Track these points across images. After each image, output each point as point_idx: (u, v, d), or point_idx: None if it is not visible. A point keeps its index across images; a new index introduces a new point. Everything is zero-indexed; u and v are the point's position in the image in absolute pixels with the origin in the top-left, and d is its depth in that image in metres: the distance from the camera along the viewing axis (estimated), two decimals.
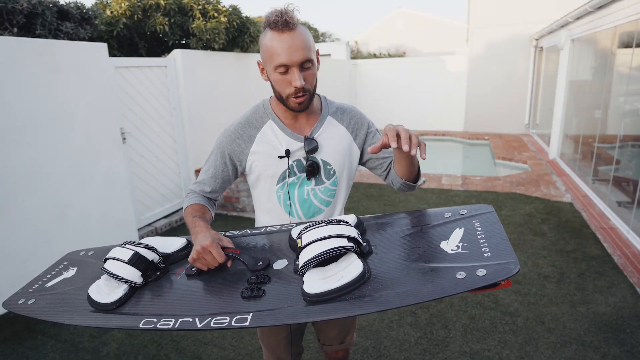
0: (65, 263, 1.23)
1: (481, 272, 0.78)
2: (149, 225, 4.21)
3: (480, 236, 0.90)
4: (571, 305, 2.62)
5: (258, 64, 1.16)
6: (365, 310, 0.78)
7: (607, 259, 3.20)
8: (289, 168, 1.20)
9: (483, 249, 0.85)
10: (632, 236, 3.44)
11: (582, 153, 5.34)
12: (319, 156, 1.22)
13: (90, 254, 1.25)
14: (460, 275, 0.79)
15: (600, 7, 4.57)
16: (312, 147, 1.18)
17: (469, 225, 0.96)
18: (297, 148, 1.19)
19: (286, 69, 1.06)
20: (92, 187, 3.43)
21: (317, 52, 1.16)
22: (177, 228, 4.32)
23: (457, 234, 0.93)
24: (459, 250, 0.88)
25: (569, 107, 6.17)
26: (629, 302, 2.61)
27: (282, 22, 1.02)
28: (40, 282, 1.14)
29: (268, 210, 1.28)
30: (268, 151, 1.20)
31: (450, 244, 0.90)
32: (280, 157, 1.19)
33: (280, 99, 1.13)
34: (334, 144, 1.23)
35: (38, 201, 2.98)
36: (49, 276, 1.17)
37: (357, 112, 1.29)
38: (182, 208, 4.67)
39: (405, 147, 0.90)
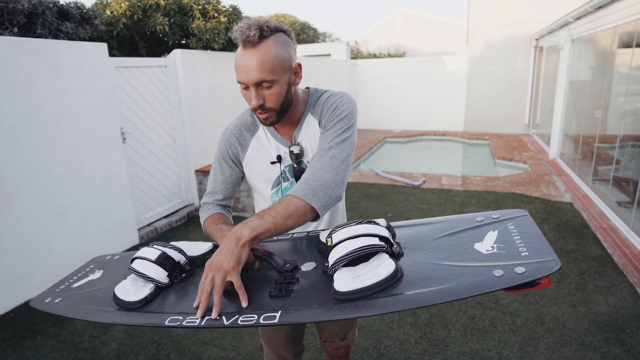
0: (91, 266, 1.25)
1: (520, 269, 0.74)
2: (149, 225, 4.21)
3: (515, 237, 0.86)
4: (571, 305, 2.62)
5: None
6: (400, 308, 0.75)
7: (607, 259, 3.20)
8: (281, 173, 1.21)
9: (520, 249, 0.81)
10: (632, 236, 3.44)
11: (582, 153, 5.34)
12: (306, 159, 1.20)
13: (116, 258, 1.27)
14: (498, 272, 0.75)
15: (600, 7, 4.57)
16: (297, 154, 1.17)
17: (503, 227, 0.92)
18: (286, 153, 1.20)
19: (246, 86, 1.04)
20: (92, 187, 3.43)
21: (298, 67, 1.10)
22: (177, 228, 4.32)
23: (491, 236, 0.90)
24: (495, 250, 0.84)
25: (569, 107, 6.17)
26: (629, 302, 2.61)
27: (243, 38, 0.99)
28: (66, 283, 1.16)
29: None
30: (262, 156, 1.20)
31: (485, 245, 0.87)
32: (273, 162, 1.19)
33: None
34: (315, 143, 1.20)
35: (38, 201, 2.98)
36: (75, 278, 1.19)
37: (328, 102, 1.16)
38: (182, 208, 4.68)
39: (198, 313, 0.86)
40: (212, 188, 1.27)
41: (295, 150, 1.17)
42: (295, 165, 1.20)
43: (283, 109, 1.10)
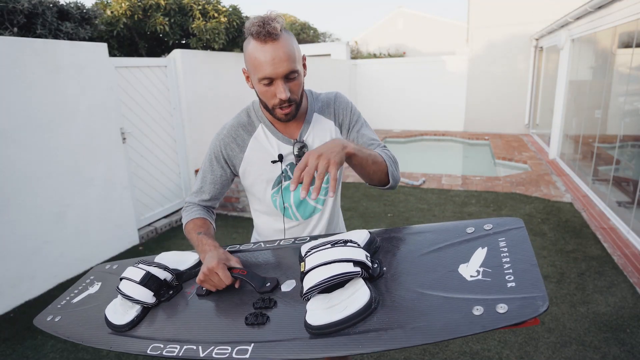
0: (91, 277, 1.28)
1: (502, 308, 0.69)
2: (149, 225, 4.21)
3: (505, 259, 0.81)
4: (571, 305, 2.62)
5: (243, 71, 1.13)
6: (369, 349, 0.74)
7: (607, 259, 3.20)
8: (282, 172, 1.20)
9: (507, 277, 0.76)
10: (632, 236, 3.44)
11: (582, 153, 5.34)
12: None
13: (114, 267, 1.29)
14: (478, 310, 0.71)
15: (600, 7, 4.57)
16: (301, 151, 1.17)
17: (494, 244, 0.86)
18: (289, 152, 1.19)
19: (270, 81, 1.03)
20: (92, 187, 3.43)
21: (304, 58, 1.13)
22: (177, 228, 4.32)
23: (479, 255, 0.84)
24: (479, 277, 0.79)
25: (569, 107, 6.17)
26: (629, 302, 2.61)
27: (265, 32, 0.98)
28: (67, 298, 1.20)
29: (264, 212, 1.28)
30: (261, 156, 1.19)
31: (470, 269, 0.81)
32: (274, 161, 1.19)
33: (267, 108, 1.12)
34: (324, 141, 1.19)
35: (38, 201, 2.98)
36: (76, 291, 1.23)
37: (340, 101, 1.24)
38: (182, 208, 4.68)
39: (302, 194, 0.87)
40: (199, 187, 1.25)
41: (301, 148, 1.17)
42: (296, 164, 1.19)
43: (300, 101, 1.12)
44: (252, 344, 0.82)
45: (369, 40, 17.72)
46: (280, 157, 1.18)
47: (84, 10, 3.80)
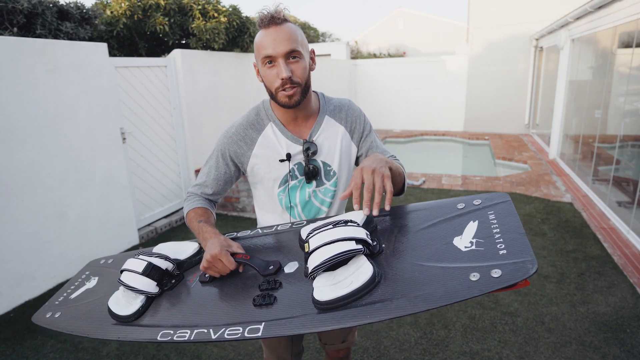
0: (87, 273, 1.28)
1: (496, 272, 0.75)
2: (149, 225, 4.21)
3: (495, 230, 0.86)
4: (571, 305, 2.62)
5: (254, 65, 1.17)
6: (376, 318, 0.77)
7: (607, 259, 3.20)
8: (290, 172, 1.20)
9: (498, 246, 0.82)
10: (632, 236, 3.44)
11: (582, 153, 5.34)
12: (319, 158, 1.21)
13: (109, 262, 1.30)
14: (474, 276, 0.76)
15: (600, 7, 4.57)
16: (311, 151, 1.18)
17: (484, 217, 0.92)
18: (298, 151, 1.19)
19: (272, 60, 1.06)
20: (92, 187, 3.43)
21: (313, 52, 1.16)
22: (177, 228, 4.32)
23: (471, 228, 0.90)
24: (473, 247, 0.84)
25: (569, 107, 6.17)
26: (629, 302, 2.61)
27: (269, 18, 1.06)
28: (65, 294, 1.20)
29: (270, 210, 1.29)
30: (269, 154, 1.19)
31: (464, 240, 0.87)
32: (282, 160, 1.19)
33: (272, 95, 1.12)
34: (333, 144, 1.22)
35: (38, 201, 2.98)
36: (72, 287, 1.22)
37: (354, 109, 1.27)
38: (182, 208, 4.67)
39: (366, 211, 0.91)
40: (202, 181, 1.25)
41: (312, 148, 1.18)
42: (304, 164, 1.20)
43: (306, 88, 1.12)
44: (263, 323, 0.85)
45: (369, 40, 17.72)
46: (289, 156, 1.18)
47: (84, 10, 3.80)
